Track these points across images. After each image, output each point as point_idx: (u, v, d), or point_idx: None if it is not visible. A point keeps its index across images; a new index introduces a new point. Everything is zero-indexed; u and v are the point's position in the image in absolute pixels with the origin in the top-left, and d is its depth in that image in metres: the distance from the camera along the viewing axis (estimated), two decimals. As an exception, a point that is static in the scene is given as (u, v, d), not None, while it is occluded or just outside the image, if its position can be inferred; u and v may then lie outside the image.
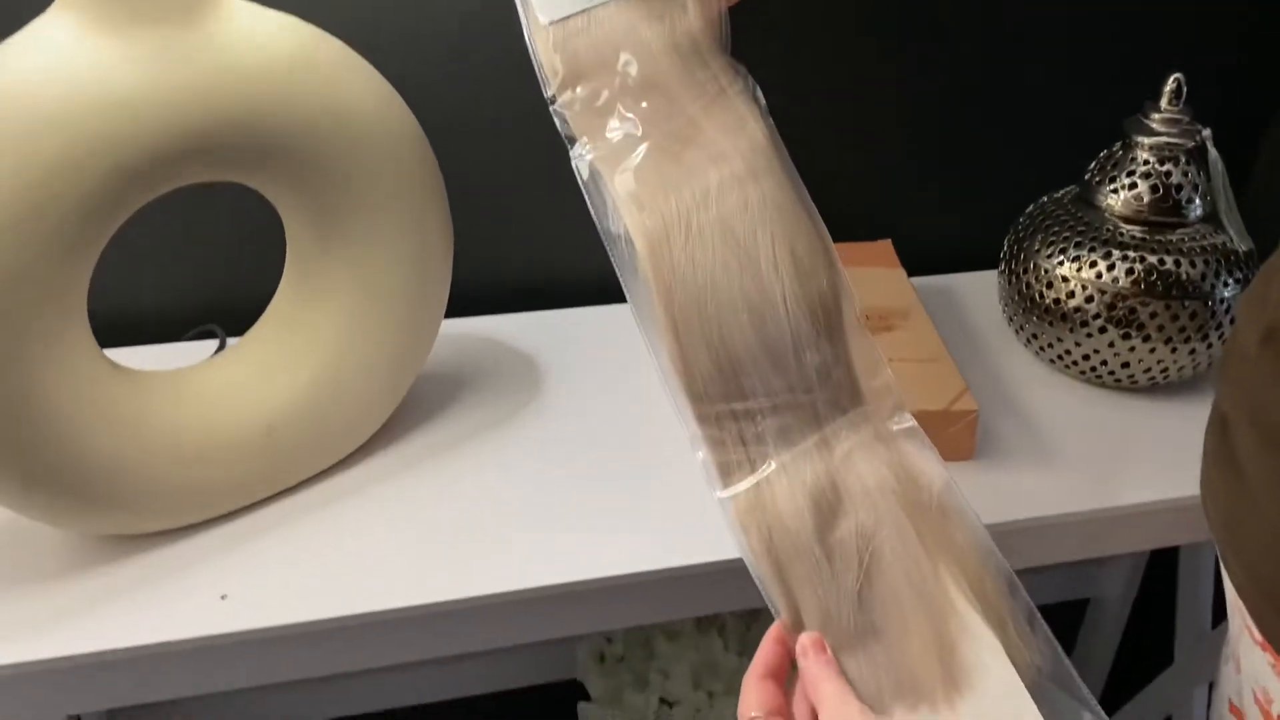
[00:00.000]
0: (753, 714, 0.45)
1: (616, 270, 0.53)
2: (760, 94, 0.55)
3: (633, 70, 0.54)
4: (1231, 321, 0.74)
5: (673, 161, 0.52)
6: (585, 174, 0.54)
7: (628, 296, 0.53)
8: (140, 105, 0.53)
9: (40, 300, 0.53)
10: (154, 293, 0.83)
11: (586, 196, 0.54)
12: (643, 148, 0.53)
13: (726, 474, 0.51)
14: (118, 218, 0.55)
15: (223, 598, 0.60)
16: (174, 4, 0.54)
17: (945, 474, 0.51)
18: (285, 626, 0.58)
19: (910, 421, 0.53)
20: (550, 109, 0.56)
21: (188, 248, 0.82)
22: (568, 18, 0.55)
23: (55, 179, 0.51)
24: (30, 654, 0.56)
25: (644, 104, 0.54)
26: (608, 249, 0.53)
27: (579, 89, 0.55)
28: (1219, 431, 0.55)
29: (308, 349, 0.66)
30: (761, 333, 0.51)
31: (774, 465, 0.50)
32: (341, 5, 0.76)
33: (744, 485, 0.50)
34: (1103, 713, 0.46)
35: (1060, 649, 0.48)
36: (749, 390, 0.51)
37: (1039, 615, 0.48)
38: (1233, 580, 0.52)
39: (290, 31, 0.59)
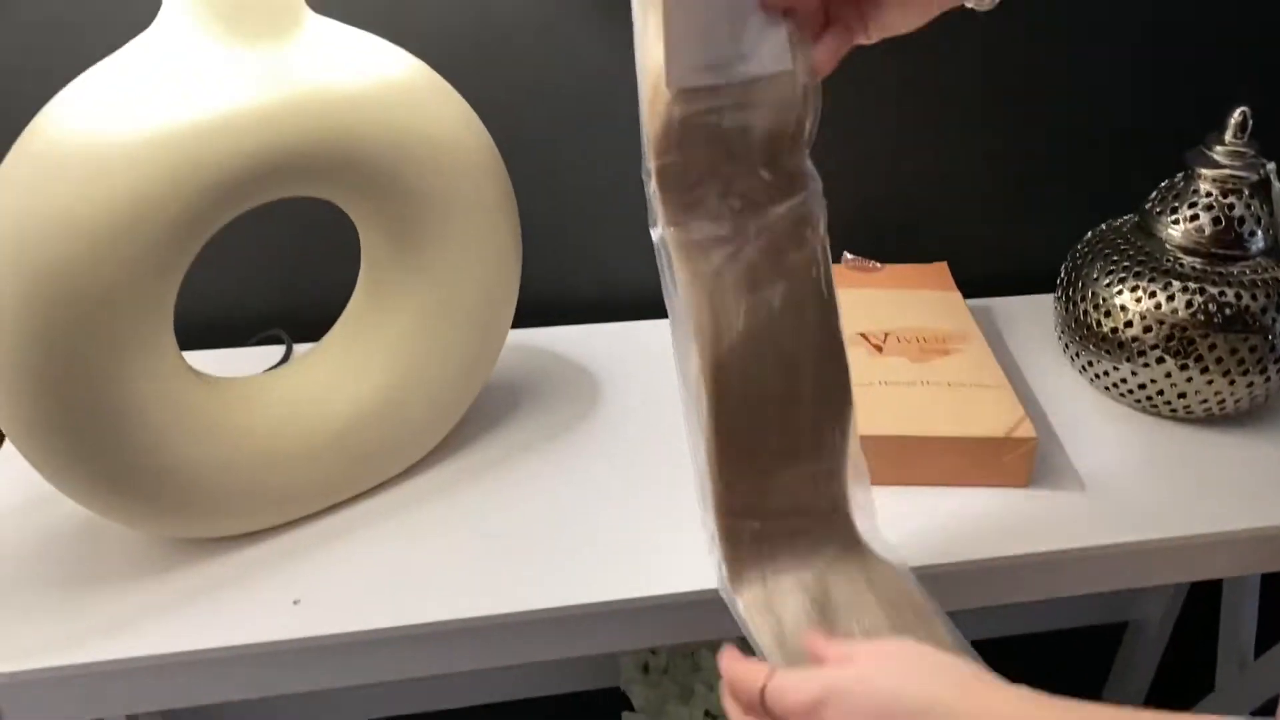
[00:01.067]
0: None
1: (670, 326, 0.54)
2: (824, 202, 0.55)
3: (737, 179, 0.52)
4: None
5: (747, 273, 0.53)
6: (663, 253, 0.53)
7: (677, 366, 0.54)
8: (239, 123, 0.54)
9: (135, 312, 0.54)
10: (220, 297, 0.85)
11: (659, 262, 0.54)
12: (723, 254, 0.52)
13: (737, 573, 0.54)
14: (208, 232, 0.57)
15: (295, 603, 0.61)
16: (269, 23, 0.56)
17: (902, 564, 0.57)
18: (353, 634, 0.60)
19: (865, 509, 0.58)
20: (644, 174, 0.52)
21: (254, 253, 0.84)
22: (698, 89, 0.49)
23: (155, 196, 0.52)
24: (104, 654, 0.58)
25: (736, 204, 0.52)
26: (667, 305, 0.54)
27: (680, 174, 0.51)
28: None
29: (379, 358, 0.67)
30: (794, 462, 0.55)
31: (781, 571, 0.55)
32: (424, 25, 0.78)
33: (754, 586, 0.54)
34: None
35: None
36: (774, 509, 0.55)
37: None
38: None
39: (381, 55, 0.61)
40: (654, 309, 0.91)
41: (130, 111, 0.53)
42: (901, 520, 0.68)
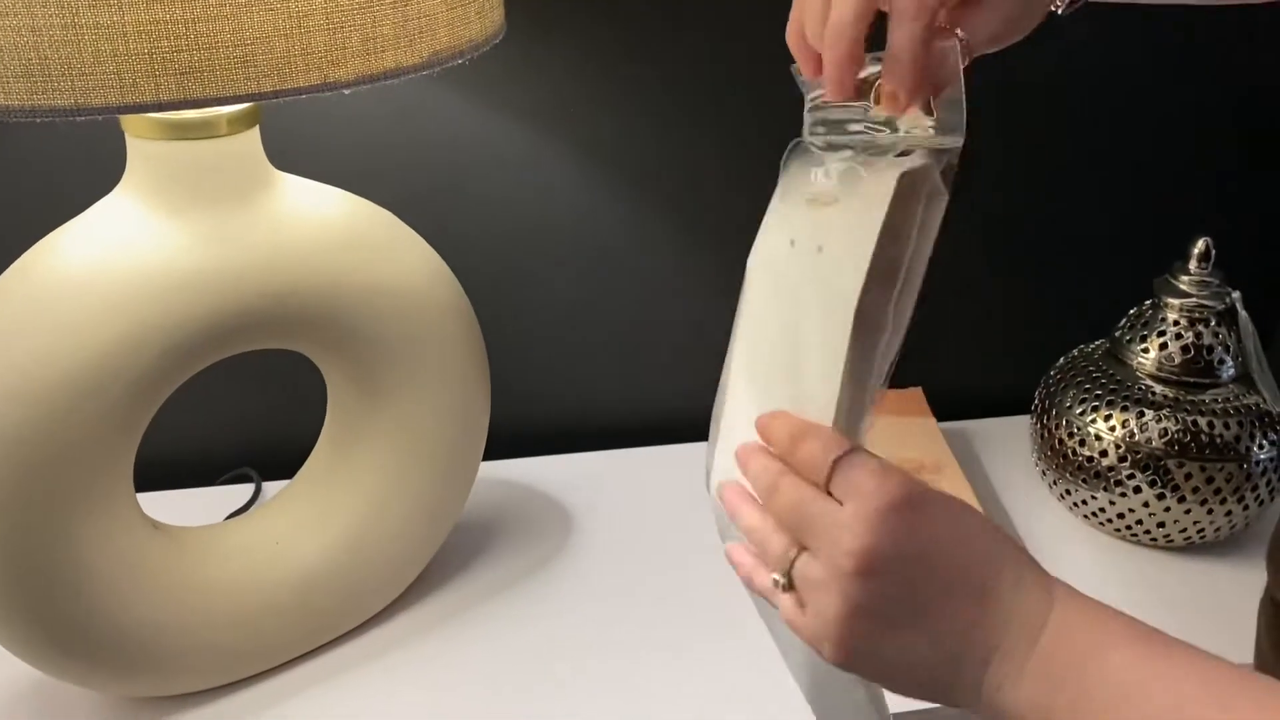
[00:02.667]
0: None
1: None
2: None
3: None
4: (1268, 485, 0.74)
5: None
6: None
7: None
8: (198, 286, 0.54)
9: (92, 473, 0.54)
10: (188, 436, 0.84)
11: None
12: None
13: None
14: (168, 390, 0.56)
15: (252, 766, 0.59)
16: (232, 184, 0.56)
17: None
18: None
19: None
20: None
21: (222, 392, 0.83)
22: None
23: (114, 359, 0.52)
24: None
25: None
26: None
27: None
28: (1273, 612, 0.54)
29: (345, 505, 0.66)
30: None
31: None
32: (385, 167, 0.79)
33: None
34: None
35: None
36: None
37: None
38: None
39: (345, 207, 0.61)
40: (627, 437, 0.91)
41: (91, 274, 0.53)
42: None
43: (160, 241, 0.55)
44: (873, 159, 0.44)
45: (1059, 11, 0.48)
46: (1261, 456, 0.73)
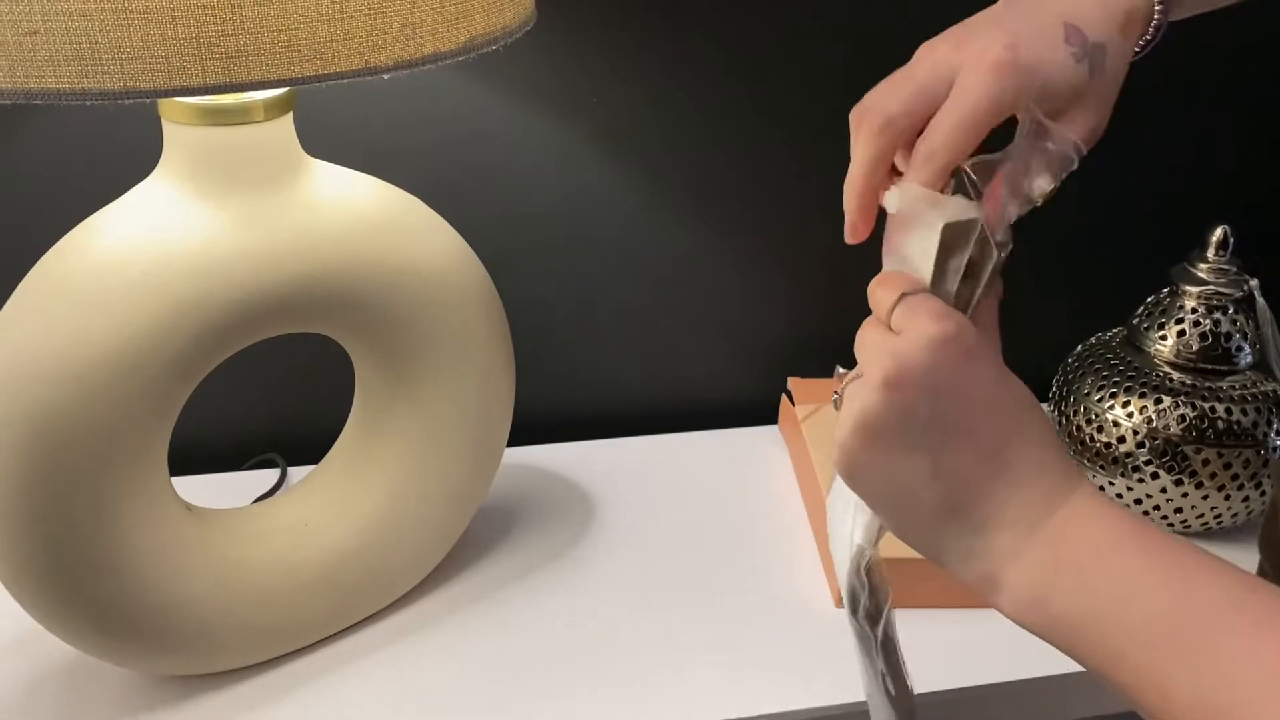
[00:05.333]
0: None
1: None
2: None
3: None
4: (1285, 470, 0.75)
5: None
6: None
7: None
8: (233, 268, 0.55)
9: (129, 452, 0.54)
10: (216, 421, 0.85)
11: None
12: None
13: None
14: (203, 371, 0.57)
15: (285, 743, 0.60)
16: (266, 170, 0.57)
17: None
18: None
19: None
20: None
21: (250, 378, 0.84)
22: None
23: (150, 340, 0.53)
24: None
25: None
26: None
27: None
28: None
29: (373, 487, 0.67)
30: None
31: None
32: (416, 155, 0.80)
33: None
34: None
35: None
36: None
37: None
38: None
39: (373, 193, 0.62)
40: (649, 423, 0.92)
41: (129, 256, 0.54)
42: (907, 644, 0.67)
43: (195, 225, 0.55)
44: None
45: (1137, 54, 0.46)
46: (1278, 442, 0.74)
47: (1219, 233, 0.76)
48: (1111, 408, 0.76)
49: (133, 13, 0.42)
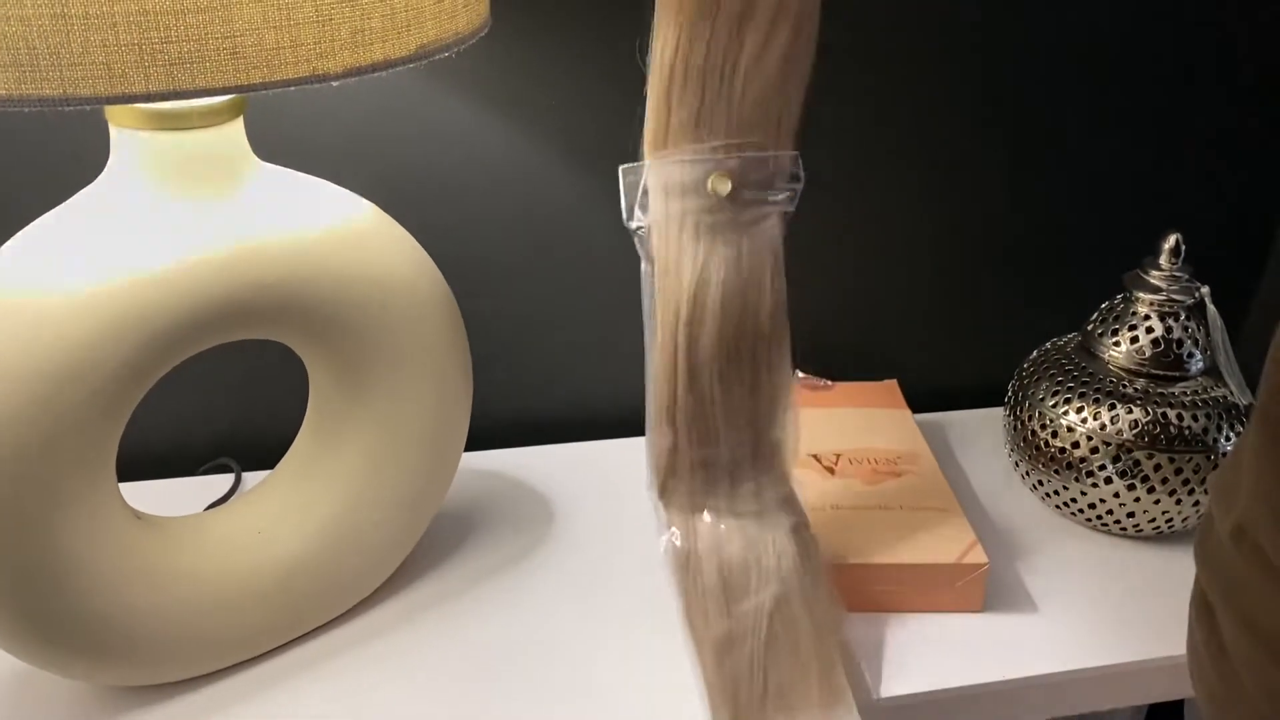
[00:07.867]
0: None
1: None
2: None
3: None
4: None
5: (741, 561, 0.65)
6: (671, 551, 0.66)
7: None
8: (186, 274, 0.54)
9: (75, 460, 0.54)
10: (168, 426, 0.84)
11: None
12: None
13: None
14: (150, 379, 0.56)
15: (236, 755, 0.59)
16: (216, 174, 0.56)
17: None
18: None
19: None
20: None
21: (203, 382, 0.83)
22: None
23: (95, 349, 0.52)
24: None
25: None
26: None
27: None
28: (1202, 608, 0.55)
29: (326, 495, 0.66)
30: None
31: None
32: (369, 158, 0.79)
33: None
34: None
35: None
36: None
37: None
38: None
39: (327, 198, 0.61)
40: (610, 429, 0.92)
41: (75, 263, 0.53)
42: (858, 648, 0.67)
43: (143, 231, 0.54)
44: None
45: None
46: (1228, 448, 0.75)
47: (1171, 240, 0.77)
48: (1066, 413, 0.77)
49: (72, 18, 0.41)
